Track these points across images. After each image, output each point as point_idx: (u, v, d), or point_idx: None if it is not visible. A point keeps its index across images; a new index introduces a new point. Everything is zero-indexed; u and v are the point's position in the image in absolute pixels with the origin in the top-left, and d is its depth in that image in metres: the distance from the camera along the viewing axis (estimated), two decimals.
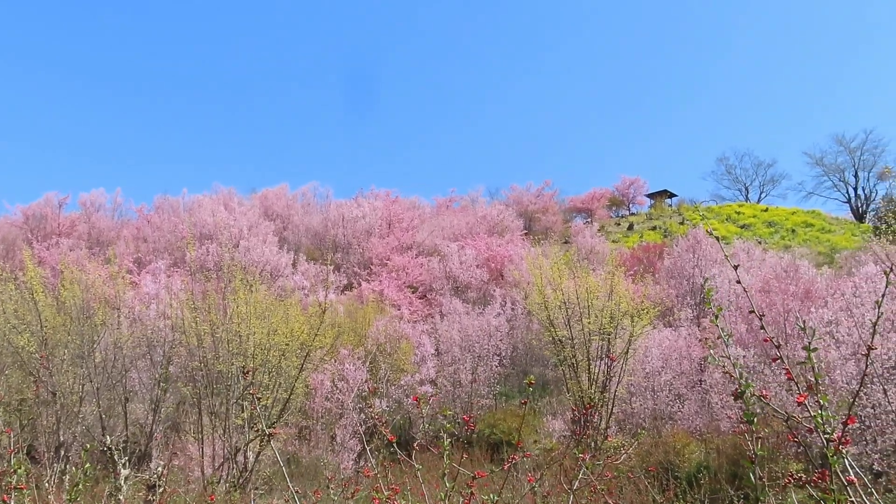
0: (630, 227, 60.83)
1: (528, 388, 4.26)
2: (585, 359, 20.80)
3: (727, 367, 3.06)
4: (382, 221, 50.34)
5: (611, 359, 20.18)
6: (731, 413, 18.50)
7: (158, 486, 8.75)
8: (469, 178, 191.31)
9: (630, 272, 26.30)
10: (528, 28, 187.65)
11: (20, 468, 4.05)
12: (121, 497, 8.08)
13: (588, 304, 20.97)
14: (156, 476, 8.78)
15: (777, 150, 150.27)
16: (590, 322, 20.74)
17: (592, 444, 18.19)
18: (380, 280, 40.58)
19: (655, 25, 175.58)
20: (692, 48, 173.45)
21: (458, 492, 3.86)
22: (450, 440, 3.88)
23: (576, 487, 4.45)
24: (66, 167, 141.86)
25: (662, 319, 28.85)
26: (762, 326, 3.20)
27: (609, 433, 20.18)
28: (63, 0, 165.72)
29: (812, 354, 2.85)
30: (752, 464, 2.90)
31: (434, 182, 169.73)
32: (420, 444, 4.66)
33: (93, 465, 16.38)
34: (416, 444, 4.63)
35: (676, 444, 18.23)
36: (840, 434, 2.64)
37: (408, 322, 31.06)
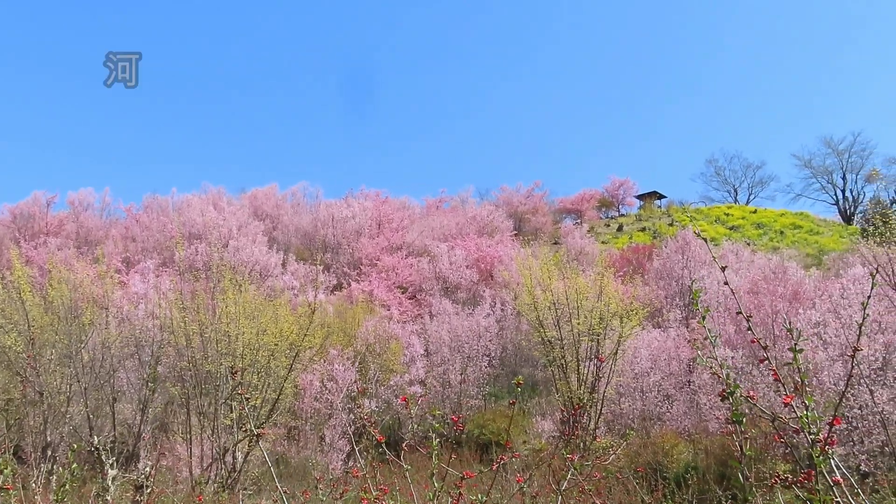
0: (619, 229, 60.97)
1: (517, 389, 4.27)
2: (575, 359, 20.83)
3: (714, 369, 3.07)
4: (372, 222, 50.29)
5: (600, 359, 20.23)
6: (720, 414, 18.55)
7: (146, 487, 8.71)
8: (459, 179, 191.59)
9: (619, 273, 26.36)
10: (519, 29, 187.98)
11: (6, 468, 4.03)
12: (108, 497, 8.04)
13: (577, 305, 21.01)
14: (143, 476, 8.74)
15: (766, 152, 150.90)
16: (579, 323, 20.77)
17: (581, 445, 18.22)
18: (369, 280, 40.53)
19: (645, 27, 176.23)
20: (682, 50, 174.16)
21: (447, 492, 3.86)
22: (439, 440, 3.88)
23: (564, 488, 4.46)
24: (55, 166, 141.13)
25: (651, 320, 28.94)
26: (749, 328, 3.22)
27: (598, 434, 20.22)
28: None
29: (799, 356, 2.87)
30: (740, 464, 2.92)
31: (424, 182, 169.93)
32: (409, 445, 4.66)
33: (80, 466, 16.30)
34: (405, 445, 4.63)
35: (665, 445, 18.27)
36: (826, 435, 2.65)
37: (397, 322, 31.04)
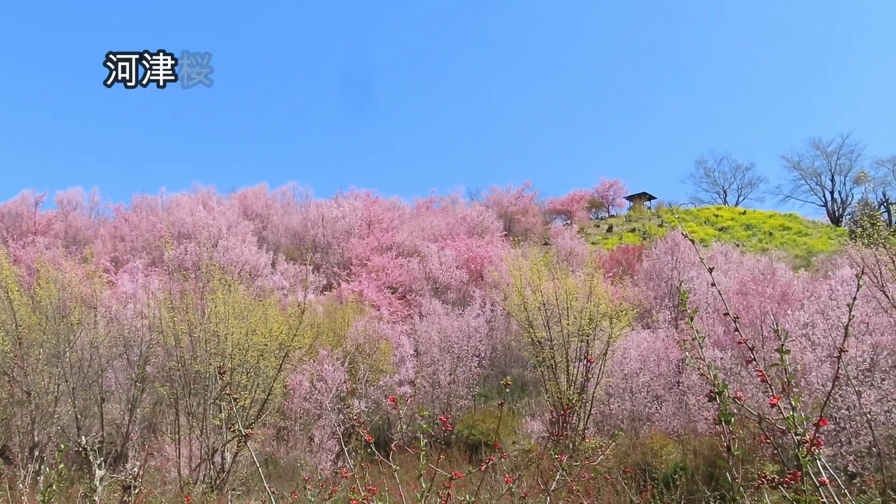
0: (609, 230, 61.11)
1: (506, 390, 4.28)
2: (564, 360, 20.87)
3: (702, 370, 3.08)
4: (362, 222, 50.23)
5: (589, 360, 20.26)
6: (709, 414, 18.59)
7: (134, 487, 8.68)
8: (449, 179, 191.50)
9: (609, 274, 26.42)
10: (509, 30, 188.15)
11: None
12: (96, 498, 8.00)
13: (567, 306, 21.04)
14: (131, 477, 8.70)
15: (755, 154, 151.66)
16: (569, 323, 20.81)
17: (570, 446, 18.24)
18: (359, 280, 40.49)
19: (635, 28, 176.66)
20: (671, 51, 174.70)
21: (436, 492, 3.86)
22: (427, 441, 3.88)
23: (553, 488, 4.46)
24: (43, 165, 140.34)
25: (641, 321, 29.01)
26: (736, 329, 3.23)
27: (587, 434, 20.25)
28: None
29: (786, 357, 2.88)
30: (728, 464, 2.93)
31: (414, 182, 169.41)
32: (398, 445, 4.66)
33: (67, 466, 16.24)
34: (394, 445, 4.63)
35: (654, 446, 18.31)
36: (812, 436, 2.66)
37: (387, 323, 31.03)
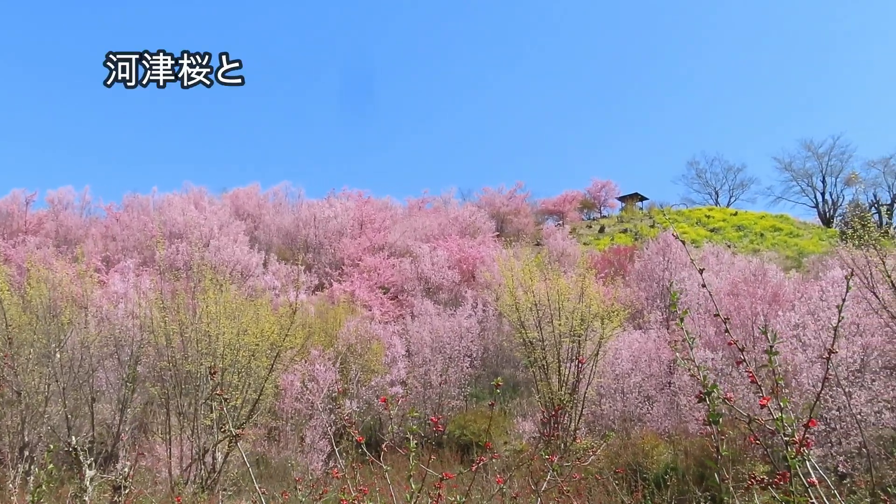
0: (601, 230, 61.17)
1: (496, 390, 4.28)
2: (556, 360, 20.89)
3: (692, 370, 3.09)
4: (354, 222, 50.20)
5: (580, 361, 20.29)
6: (699, 415, 18.64)
7: (124, 488, 8.65)
8: (442, 180, 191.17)
9: (601, 274, 26.51)
10: (502, 31, 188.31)
11: None
12: (86, 498, 7.97)
13: (559, 306, 21.07)
14: (122, 477, 8.68)
15: (746, 155, 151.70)
16: (560, 324, 20.83)
17: (562, 446, 18.26)
18: (351, 281, 40.46)
19: (628, 30, 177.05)
20: (663, 53, 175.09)
21: (427, 493, 3.86)
22: (417, 441, 3.88)
23: (543, 489, 4.47)
24: (34, 163, 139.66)
25: (632, 322, 29.06)
26: (726, 330, 3.24)
27: (578, 435, 20.27)
28: None
29: (775, 357, 2.89)
30: (717, 465, 2.94)
31: (406, 183, 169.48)
32: (389, 446, 4.65)
33: (58, 466, 16.19)
34: (385, 446, 4.62)
35: (645, 446, 18.35)
36: (801, 437, 2.67)
37: (379, 323, 31.04)
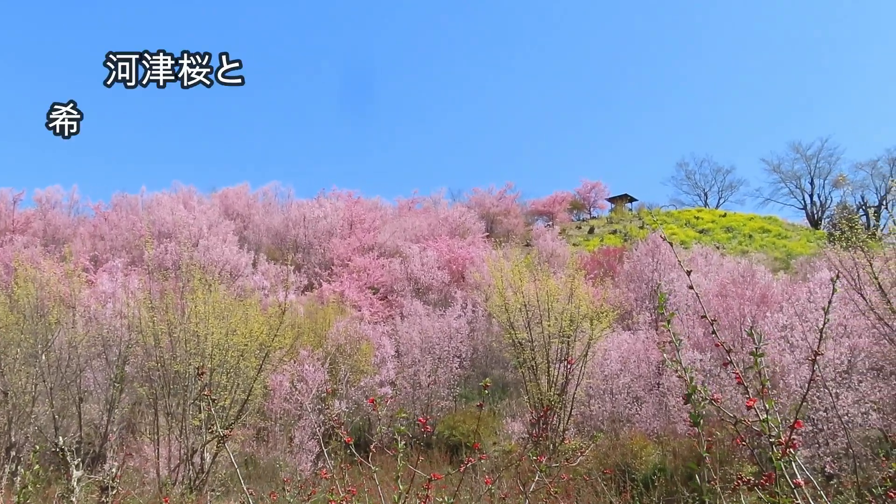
0: (591, 231, 61.25)
1: (485, 391, 4.29)
2: (545, 361, 20.93)
3: (679, 371, 3.11)
4: (344, 222, 50.11)
5: (569, 361, 20.33)
6: (687, 416, 18.68)
7: (112, 488, 8.63)
8: (431, 180, 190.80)
9: (590, 275, 26.56)
10: (492, 32, 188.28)
11: None
12: (73, 499, 7.95)
13: (548, 307, 21.11)
14: (109, 478, 8.65)
15: (735, 157, 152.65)
16: (549, 325, 20.87)
17: (550, 446, 18.30)
18: (341, 281, 40.39)
19: (618, 32, 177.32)
20: (654, 55, 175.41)
21: (415, 494, 3.86)
22: (406, 442, 3.89)
23: (532, 490, 4.47)
24: (21, 162, 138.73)
25: (621, 323, 29.13)
26: (714, 331, 3.26)
27: (567, 435, 20.31)
28: None
29: (761, 359, 2.90)
30: (698, 466, 2.95)
31: (396, 183, 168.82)
32: (378, 446, 4.66)
33: (45, 467, 16.12)
34: (374, 446, 4.62)
35: (634, 447, 18.41)
36: (787, 437, 2.69)
37: (368, 323, 30.99)
